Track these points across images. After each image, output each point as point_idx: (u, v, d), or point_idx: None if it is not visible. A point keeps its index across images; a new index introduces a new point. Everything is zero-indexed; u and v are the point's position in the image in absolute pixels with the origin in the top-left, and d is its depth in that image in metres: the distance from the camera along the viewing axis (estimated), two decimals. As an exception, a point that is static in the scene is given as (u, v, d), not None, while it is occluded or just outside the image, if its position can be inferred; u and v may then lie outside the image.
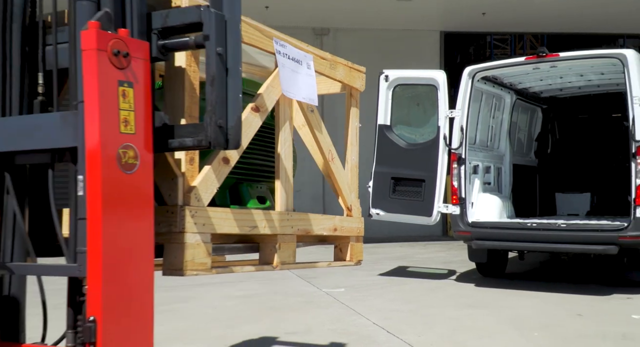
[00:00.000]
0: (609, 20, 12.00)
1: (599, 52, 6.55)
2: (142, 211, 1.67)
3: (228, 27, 1.79)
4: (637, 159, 5.56)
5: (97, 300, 1.54)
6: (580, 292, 5.85)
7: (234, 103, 1.80)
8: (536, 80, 7.49)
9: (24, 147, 1.79)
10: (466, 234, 6.35)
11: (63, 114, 1.74)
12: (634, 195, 5.57)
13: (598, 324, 4.59)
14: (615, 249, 5.69)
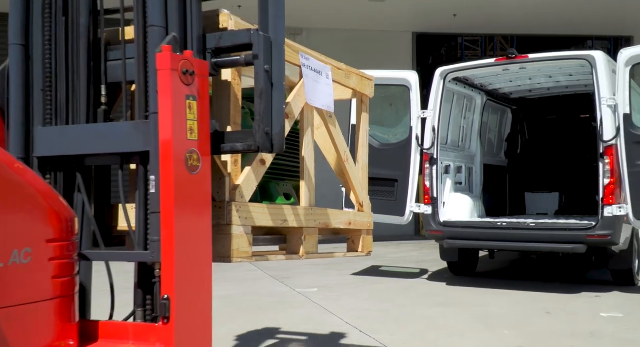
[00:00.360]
0: (577, 23, 12.21)
1: (568, 53, 6.68)
2: (203, 206, 1.96)
3: (273, 47, 2.04)
4: (604, 159, 5.67)
5: (171, 281, 1.81)
6: (550, 291, 5.95)
7: (279, 113, 2.05)
8: (506, 81, 7.60)
9: (97, 150, 2.06)
10: (438, 233, 6.40)
11: (135, 123, 2.02)
12: (602, 195, 5.68)
13: (567, 322, 4.67)
14: (584, 248, 5.79)
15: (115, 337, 1.96)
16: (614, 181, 5.61)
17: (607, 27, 12.68)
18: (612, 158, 5.61)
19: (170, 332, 1.82)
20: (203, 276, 1.94)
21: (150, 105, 1.95)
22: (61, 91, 2.14)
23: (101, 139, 2.05)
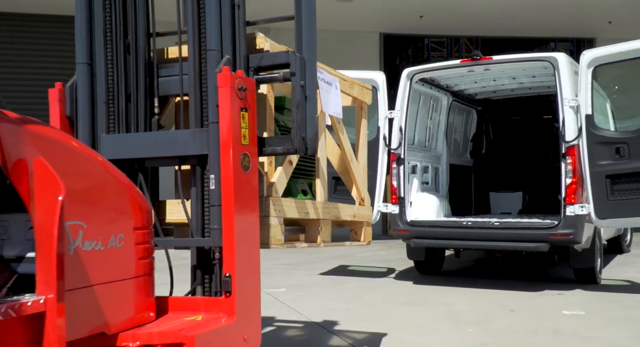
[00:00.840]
0: (541, 25, 12.44)
1: (531, 55, 6.78)
2: (253, 199, 2.33)
3: (307, 66, 2.42)
4: (566, 159, 5.78)
5: (232, 262, 2.19)
6: (513, 289, 6.04)
7: (311, 122, 2.42)
8: (471, 82, 7.68)
9: (160, 154, 2.40)
10: (405, 232, 6.44)
11: (192, 131, 2.36)
12: (564, 194, 5.78)
13: (530, 319, 4.74)
14: (546, 247, 5.90)
15: (184, 309, 2.27)
16: (575, 180, 5.72)
17: (570, 29, 12.95)
18: (574, 158, 5.72)
19: (232, 303, 2.20)
20: (254, 257, 2.33)
21: (209, 115, 2.32)
22: (121, 103, 2.47)
23: (163, 144, 2.40)
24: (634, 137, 5.45)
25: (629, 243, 8.97)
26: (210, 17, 2.35)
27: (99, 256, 1.83)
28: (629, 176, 5.41)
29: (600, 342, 4.03)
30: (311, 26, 2.52)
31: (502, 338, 4.17)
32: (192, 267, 2.44)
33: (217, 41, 2.36)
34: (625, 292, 5.84)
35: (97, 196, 1.90)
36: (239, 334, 2.21)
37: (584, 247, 5.99)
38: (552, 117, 7.82)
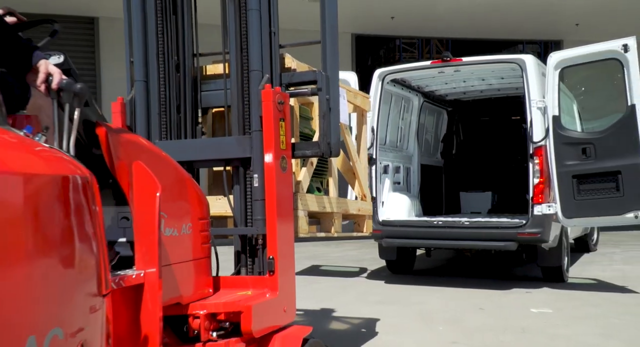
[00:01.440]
0: (509, 27, 12.63)
1: (499, 57, 6.87)
2: (289, 195, 2.77)
3: (330, 83, 2.83)
4: (534, 159, 5.88)
5: (274, 246, 2.61)
6: (483, 287, 6.12)
7: (335, 129, 2.85)
8: (442, 83, 7.76)
9: (210, 157, 2.82)
10: (377, 232, 6.47)
11: (237, 138, 2.76)
12: (532, 194, 5.88)
13: (499, 318, 4.81)
14: (514, 245, 5.99)
15: (233, 286, 2.68)
16: (543, 180, 5.82)
17: (538, 32, 13.17)
18: (541, 158, 5.82)
19: (275, 281, 2.61)
20: (290, 243, 2.76)
21: (252, 125, 2.73)
22: (172, 114, 2.88)
23: (211, 149, 2.83)
24: (600, 138, 5.56)
25: (595, 242, 9.16)
26: (253, 42, 2.78)
27: (175, 240, 2.24)
28: (594, 176, 5.52)
29: (567, 340, 4.10)
30: (334, 49, 2.91)
31: (472, 336, 4.23)
32: (235, 252, 2.87)
33: (259, 63, 2.79)
34: (591, 290, 5.96)
35: (174, 191, 2.29)
36: (280, 306, 2.65)
37: (551, 246, 6.09)
38: (521, 118, 7.93)
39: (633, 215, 5.40)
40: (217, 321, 2.40)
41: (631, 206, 5.38)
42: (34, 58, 1.84)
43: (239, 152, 2.75)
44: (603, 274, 6.86)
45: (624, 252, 8.86)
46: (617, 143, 5.43)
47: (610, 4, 11.23)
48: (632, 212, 5.39)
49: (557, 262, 6.26)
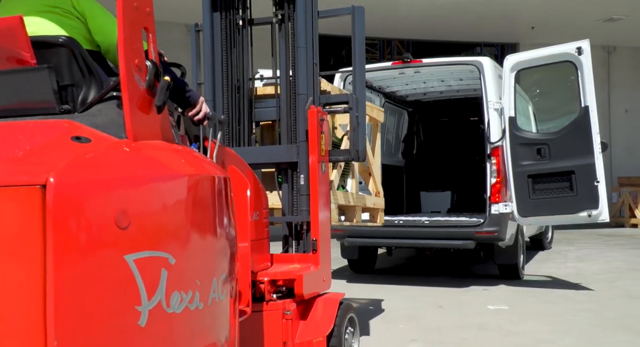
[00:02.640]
0: (468, 30, 12.83)
1: (457, 59, 6.98)
2: (327, 191, 3.44)
3: (359, 103, 3.62)
4: (491, 159, 5.99)
5: (316, 231, 3.32)
6: (442, 285, 6.20)
7: (362, 139, 3.65)
8: (402, 84, 7.83)
9: (266, 161, 3.54)
10: (338, 231, 6.50)
11: (286, 146, 3.48)
12: (489, 193, 5.99)
13: (457, 315, 4.89)
14: (472, 244, 6.09)
15: (283, 262, 3.37)
16: (500, 180, 5.94)
17: (495, 35, 13.42)
18: (498, 158, 5.93)
19: (317, 257, 3.32)
20: (327, 229, 3.44)
21: (299, 136, 3.43)
22: (234, 127, 3.54)
23: (265, 155, 3.57)
24: (554, 139, 5.70)
25: (550, 240, 9.38)
26: (300, 72, 3.47)
27: (254, 223, 2.89)
28: (549, 175, 5.66)
29: (522, 336, 4.20)
30: (362, 76, 3.70)
31: (431, 334, 4.28)
32: (283, 236, 3.60)
33: (304, 88, 3.48)
34: (546, 287, 6.11)
35: (252, 186, 2.89)
36: (320, 277, 3.35)
37: (508, 244, 6.22)
38: (479, 119, 8.08)
39: (586, 214, 5.55)
40: (277, 286, 3.08)
41: (584, 205, 5.54)
42: (192, 97, 2.44)
43: (288, 157, 3.47)
44: (557, 271, 7.04)
45: (577, 250, 9.11)
46: (571, 144, 5.58)
47: (565, 8, 11.53)
48: (585, 211, 5.55)
49: (513, 260, 6.38)
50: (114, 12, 1.94)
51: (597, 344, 3.96)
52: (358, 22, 3.90)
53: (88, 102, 2.08)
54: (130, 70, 1.88)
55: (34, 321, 1.43)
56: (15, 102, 2.04)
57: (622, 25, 12.60)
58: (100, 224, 1.58)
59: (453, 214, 7.85)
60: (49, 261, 1.44)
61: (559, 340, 4.07)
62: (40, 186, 1.47)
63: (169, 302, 1.73)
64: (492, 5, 11.32)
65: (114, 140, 1.82)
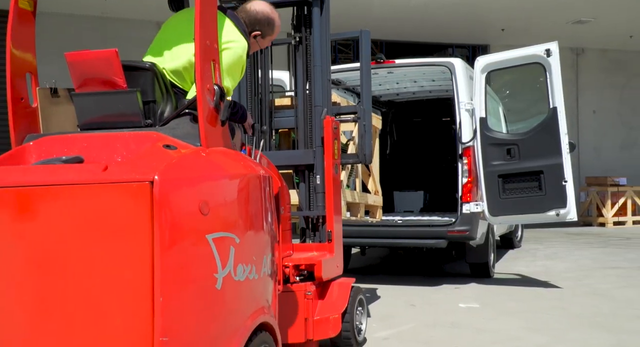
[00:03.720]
0: (440, 31, 12.95)
1: (430, 60, 7.04)
2: (339, 189, 4.00)
3: (366, 113, 4.34)
4: (463, 159, 6.06)
5: (331, 223, 3.85)
6: (414, 284, 6.26)
7: (369, 145, 4.32)
8: (376, 84, 7.86)
9: (287, 163, 4.02)
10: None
11: (304, 150, 4.01)
12: (461, 193, 6.06)
13: (429, 313, 4.94)
14: (445, 243, 6.15)
15: (302, 250, 3.90)
16: (471, 179, 6.01)
17: (466, 36, 13.56)
18: (469, 158, 6.00)
19: (332, 246, 3.88)
20: (340, 222, 4.03)
21: (314, 142, 3.98)
22: (258, 133, 3.80)
23: (285, 158, 4.07)
24: (524, 139, 5.79)
25: (519, 239, 9.53)
26: (317, 87, 3.99)
27: (282, 216, 3.23)
28: (519, 175, 5.75)
29: (493, 334, 4.26)
30: (368, 89, 4.47)
31: (403, 332, 4.32)
32: (301, 228, 4.14)
33: (320, 100, 3.99)
34: (516, 285, 6.20)
35: (280, 185, 3.18)
36: (334, 263, 3.87)
37: (479, 243, 6.30)
38: (451, 119, 8.16)
39: (554, 213, 5.65)
40: (299, 270, 3.55)
41: (552, 204, 5.64)
42: (244, 113, 2.96)
43: (305, 160, 4.01)
44: (527, 269, 7.16)
45: (546, 249, 9.27)
46: (540, 144, 5.68)
47: (535, 10, 11.71)
48: (553, 210, 5.65)
49: (484, 258, 6.47)
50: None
51: (565, 341, 4.04)
52: (364, 43, 4.49)
53: (165, 118, 2.58)
54: (204, 93, 2.38)
55: (145, 281, 1.96)
56: (110, 117, 2.53)
57: (590, 27, 12.84)
58: (189, 211, 2.11)
59: (426, 214, 7.91)
60: (155, 238, 1.97)
61: (528, 337, 4.14)
62: (149, 182, 2.00)
63: (235, 272, 2.29)
64: (464, 7, 11.44)
65: (193, 147, 2.35)
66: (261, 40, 3.11)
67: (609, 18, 12.29)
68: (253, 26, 3.04)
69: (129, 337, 1.97)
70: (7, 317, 2.05)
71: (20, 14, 2.66)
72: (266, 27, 3.08)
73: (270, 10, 3.11)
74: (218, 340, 2.21)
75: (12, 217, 2.07)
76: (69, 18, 10.86)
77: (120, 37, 11.14)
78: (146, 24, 11.22)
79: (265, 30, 3.08)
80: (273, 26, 3.11)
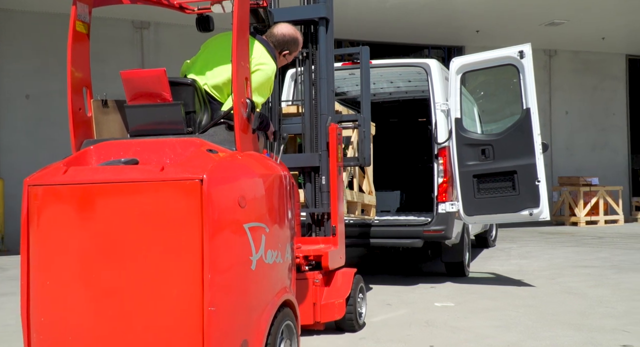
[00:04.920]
0: (416, 32, 13.04)
1: (406, 61, 7.08)
2: (342, 189, 4.51)
3: (365, 121, 5.00)
4: (438, 159, 6.11)
5: (335, 219, 4.36)
6: (391, 283, 6.29)
7: (368, 149, 4.96)
8: (352, 85, 7.88)
9: (292, 166, 4.12)
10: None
11: (310, 154, 4.44)
12: (436, 193, 6.11)
13: (405, 312, 4.97)
14: (420, 242, 6.19)
15: (310, 243, 4.38)
16: (447, 179, 6.07)
17: (442, 38, 13.68)
18: (445, 159, 6.06)
19: (336, 240, 4.34)
20: (342, 218, 4.49)
21: (320, 146, 4.40)
22: (279, 139, 3.81)
23: (294, 160, 4.41)
24: (498, 140, 5.86)
25: (494, 238, 9.64)
26: (322, 97, 4.44)
27: (296, 213, 3.47)
28: (493, 175, 5.82)
29: (467, 332, 4.31)
30: (368, 99, 5.11)
31: (379, 332, 4.34)
32: (307, 224, 4.62)
33: (325, 109, 4.43)
34: (490, 284, 6.28)
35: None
36: (338, 255, 4.33)
37: (454, 242, 6.36)
38: (427, 120, 8.22)
39: (527, 212, 5.73)
40: (308, 260, 4.07)
41: (525, 204, 5.71)
42: (268, 122, 3.34)
43: (311, 162, 4.43)
44: (501, 268, 7.25)
45: (520, 248, 9.39)
46: (514, 144, 5.75)
47: (509, 12, 11.86)
48: (526, 210, 5.73)
49: (459, 257, 6.53)
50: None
51: (538, 339, 4.09)
52: (364, 58, 5.18)
53: (203, 126, 3.10)
54: (239, 106, 2.88)
55: (196, 261, 2.45)
56: (157, 125, 3.01)
57: (563, 29, 13.05)
58: (230, 204, 2.59)
59: (402, 214, 7.95)
60: (204, 226, 2.45)
61: (501, 335, 4.19)
62: (199, 180, 2.47)
63: (266, 256, 2.80)
64: (439, 9, 11.54)
65: (229, 151, 2.82)
66: (288, 57, 3.77)
67: (582, 20, 12.51)
68: (282, 47, 3.66)
69: (184, 307, 2.45)
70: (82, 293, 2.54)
71: (77, 36, 3.12)
72: (292, 45, 3.72)
73: (294, 30, 3.72)
74: (252, 312, 2.71)
75: (85, 208, 2.58)
76: (44, 16, 10.69)
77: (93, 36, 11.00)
78: (120, 23, 11.12)
79: (292, 48, 3.73)
80: (297, 43, 3.75)
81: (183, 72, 3.54)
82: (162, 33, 11.53)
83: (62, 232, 2.58)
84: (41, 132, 10.60)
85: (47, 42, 10.68)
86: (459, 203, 5.92)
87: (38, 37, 10.75)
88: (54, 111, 10.54)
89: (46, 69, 10.67)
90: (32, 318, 2.58)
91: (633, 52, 15.54)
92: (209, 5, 3.67)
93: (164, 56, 11.33)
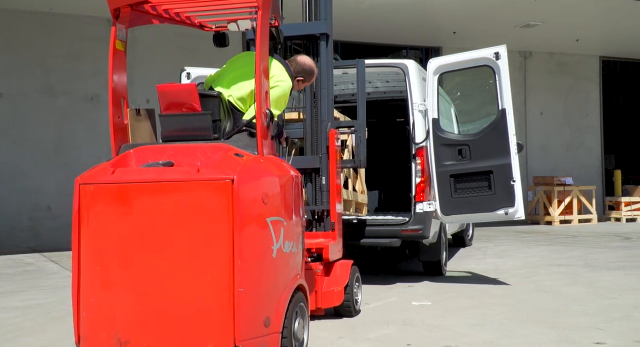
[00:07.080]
0: (394, 33, 13.11)
1: (384, 61, 7.11)
2: (340, 188, 4.90)
3: (361, 126, 5.37)
4: (416, 159, 6.15)
5: (334, 215, 4.76)
6: (369, 283, 6.30)
7: (363, 152, 5.38)
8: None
9: (296, 167, 3.86)
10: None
11: (311, 156, 4.82)
12: (414, 192, 6.15)
13: (383, 311, 5.00)
14: (398, 242, 6.23)
15: (312, 237, 4.67)
16: (424, 179, 6.11)
17: (420, 38, 13.77)
18: (422, 159, 6.10)
19: (335, 234, 4.72)
20: (340, 215, 4.86)
21: (321, 150, 4.77)
22: (290, 144, 4.61)
23: (296, 162, 4.46)
24: (474, 140, 5.92)
25: (470, 237, 9.73)
26: (323, 105, 4.83)
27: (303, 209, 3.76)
28: (469, 175, 5.87)
29: (444, 330, 4.34)
30: (363, 106, 5.47)
31: (357, 331, 4.36)
32: (308, 220, 4.74)
33: (325, 115, 4.81)
34: (466, 282, 6.34)
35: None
36: (337, 248, 4.72)
37: (431, 241, 6.40)
38: (405, 120, 8.26)
39: (503, 211, 5.80)
40: (311, 252, 4.47)
41: (501, 203, 5.78)
42: (282, 130, 3.78)
43: (312, 164, 4.81)
44: (477, 267, 7.32)
45: (496, 247, 9.50)
46: (489, 145, 5.81)
47: (485, 13, 11.99)
48: (502, 209, 5.80)
49: (436, 257, 6.58)
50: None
51: (512, 337, 4.15)
52: (360, 70, 5.60)
53: (227, 133, 3.56)
54: (261, 115, 3.31)
55: (228, 249, 2.90)
56: (187, 132, 3.40)
57: (538, 31, 13.22)
58: (256, 200, 3.06)
59: (380, 213, 7.98)
60: (235, 220, 2.90)
61: (477, 333, 4.24)
62: (230, 180, 2.92)
63: (284, 246, 3.25)
64: (417, 10, 11.61)
65: (253, 155, 3.25)
66: (301, 83, 4.28)
67: (556, 22, 12.69)
68: (299, 73, 4.20)
69: (217, 288, 2.89)
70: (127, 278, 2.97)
71: (116, 53, 3.50)
72: (308, 75, 4.29)
73: (314, 64, 4.34)
74: (273, 294, 3.18)
75: (130, 204, 3.00)
76: (16, 14, 10.52)
77: (69, 34, 10.87)
78: (96, 21, 10.98)
79: (307, 77, 4.29)
80: (312, 74, 4.32)
81: (208, 83, 3.98)
82: (138, 31, 11.41)
83: (109, 225, 3.00)
84: (15, 131, 10.43)
85: (20, 39, 10.52)
86: (436, 203, 5.96)
87: (11, 35, 10.57)
88: (28, 110, 10.38)
89: (20, 67, 10.50)
90: (82, 300, 3.01)
91: (606, 53, 15.82)
92: (225, 24, 4.09)
93: (140, 54, 11.22)
